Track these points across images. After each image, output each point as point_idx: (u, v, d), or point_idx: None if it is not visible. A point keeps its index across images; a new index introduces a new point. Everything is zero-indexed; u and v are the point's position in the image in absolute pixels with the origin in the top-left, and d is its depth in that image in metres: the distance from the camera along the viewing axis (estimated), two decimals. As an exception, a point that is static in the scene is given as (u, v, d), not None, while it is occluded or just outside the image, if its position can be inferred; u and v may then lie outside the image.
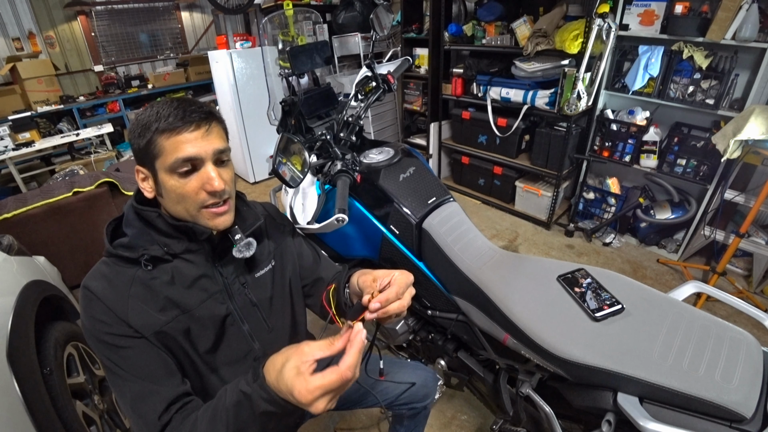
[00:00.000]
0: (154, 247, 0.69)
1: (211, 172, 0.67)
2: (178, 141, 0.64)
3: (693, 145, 2.11)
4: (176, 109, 0.65)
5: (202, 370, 0.76)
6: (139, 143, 0.66)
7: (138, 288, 0.68)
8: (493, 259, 1.16)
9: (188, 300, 0.71)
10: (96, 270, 0.69)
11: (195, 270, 0.73)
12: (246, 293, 0.79)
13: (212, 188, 0.67)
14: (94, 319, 0.65)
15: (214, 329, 0.75)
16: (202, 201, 0.68)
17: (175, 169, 0.65)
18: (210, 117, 0.68)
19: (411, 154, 1.34)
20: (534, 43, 2.34)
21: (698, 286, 1.07)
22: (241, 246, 0.75)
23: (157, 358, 0.68)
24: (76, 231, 2.16)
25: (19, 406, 1.01)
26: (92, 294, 0.66)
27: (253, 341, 0.81)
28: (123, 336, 0.66)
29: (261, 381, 0.55)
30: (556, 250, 2.56)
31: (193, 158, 0.65)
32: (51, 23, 4.20)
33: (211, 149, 0.67)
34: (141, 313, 0.67)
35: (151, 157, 0.66)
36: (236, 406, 0.58)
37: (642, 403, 0.79)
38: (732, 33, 1.82)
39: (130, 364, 0.66)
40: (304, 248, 0.95)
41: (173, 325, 0.69)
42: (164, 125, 0.64)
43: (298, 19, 3.48)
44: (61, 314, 1.50)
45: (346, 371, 0.49)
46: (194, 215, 0.69)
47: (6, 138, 3.25)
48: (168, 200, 0.69)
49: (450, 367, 1.41)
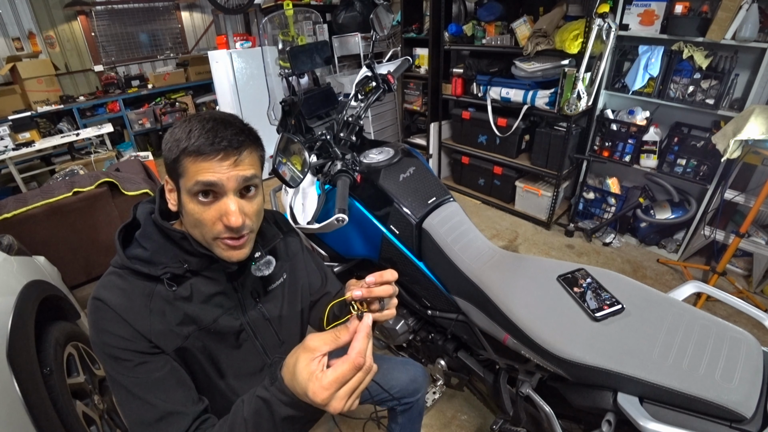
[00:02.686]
0: (176, 265, 0.67)
1: (231, 205, 0.62)
2: (200, 166, 0.61)
3: (693, 145, 2.11)
4: (208, 132, 0.60)
5: (219, 386, 0.74)
6: (168, 156, 0.64)
7: (158, 304, 0.65)
8: (493, 259, 1.16)
9: (204, 316, 0.70)
10: (108, 282, 0.65)
11: (213, 287, 0.71)
12: (259, 308, 0.78)
13: (228, 223, 0.62)
14: (108, 333, 0.61)
15: (229, 344, 0.74)
16: (217, 233, 0.64)
17: (195, 193, 0.62)
18: (243, 145, 0.63)
19: (411, 154, 1.34)
20: (534, 43, 2.34)
21: (698, 286, 1.07)
22: (261, 264, 0.73)
23: (175, 375, 0.65)
24: (76, 231, 2.16)
25: (19, 406, 1.01)
26: (107, 306, 0.62)
27: (266, 355, 0.80)
28: (142, 353, 0.62)
29: (279, 383, 0.53)
30: (556, 250, 2.56)
31: (212, 185, 0.61)
32: (51, 23, 4.20)
33: (234, 179, 0.62)
34: (163, 328, 0.64)
35: (177, 174, 0.63)
36: (255, 415, 0.56)
37: (642, 403, 0.79)
38: (732, 33, 1.82)
39: (146, 382, 0.62)
40: (312, 265, 0.94)
41: (191, 341, 0.68)
42: (192, 147, 0.60)
43: (298, 19, 3.48)
44: (61, 314, 1.50)
45: (357, 357, 0.48)
46: (209, 243, 0.66)
47: (6, 138, 3.24)
48: (186, 222, 0.67)
49: (450, 367, 1.41)
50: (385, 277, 0.60)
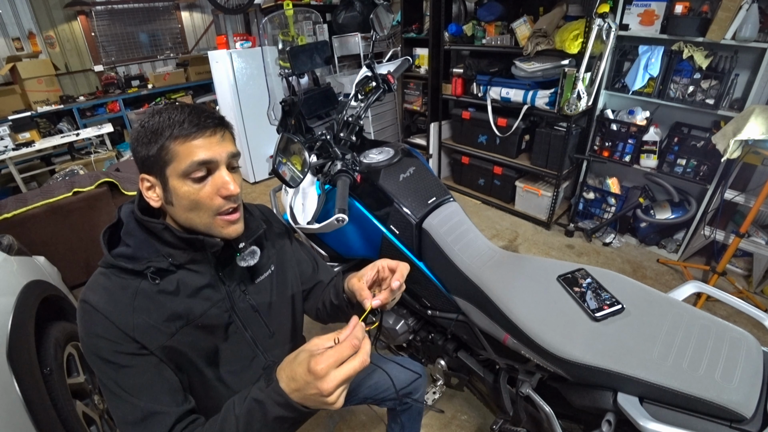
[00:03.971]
0: (159, 259, 0.67)
1: (225, 176, 0.66)
2: (192, 146, 0.64)
3: (693, 145, 2.11)
4: (190, 115, 0.64)
5: (210, 381, 0.75)
6: (147, 150, 0.64)
7: (142, 300, 0.66)
8: (493, 259, 1.16)
9: (192, 310, 0.70)
10: (94, 282, 0.66)
11: (200, 280, 0.72)
12: (247, 299, 0.79)
13: (228, 192, 0.66)
14: (95, 335, 0.62)
15: (219, 337, 0.75)
16: (217, 207, 0.67)
17: (189, 174, 0.64)
18: (223, 123, 0.68)
19: (411, 154, 1.34)
20: (534, 43, 2.34)
21: (698, 286, 1.07)
22: (245, 255, 0.75)
23: (161, 375, 0.66)
24: (76, 231, 2.16)
25: (19, 406, 1.01)
26: (92, 308, 0.63)
27: (256, 347, 0.81)
28: (127, 354, 0.63)
29: (275, 385, 0.55)
30: (556, 250, 2.56)
31: (208, 161, 0.65)
32: (51, 23, 4.20)
33: (225, 153, 0.67)
34: (147, 327, 0.65)
35: (162, 163, 0.64)
36: (247, 414, 0.57)
37: (642, 403, 0.79)
38: (732, 33, 1.82)
39: (132, 384, 0.63)
40: (302, 254, 0.95)
41: (179, 338, 0.68)
42: (179, 131, 0.63)
43: (298, 19, 3.48)
44: (61, 314, 1.50)
45: (353, 339, 0.52)
46: (207, 223, 0.68)
47: (6, 138, 3.24)
48: (179, 208, 0.67)
49: (450, 367, 1.41)
50: (401, 272, 0.69)
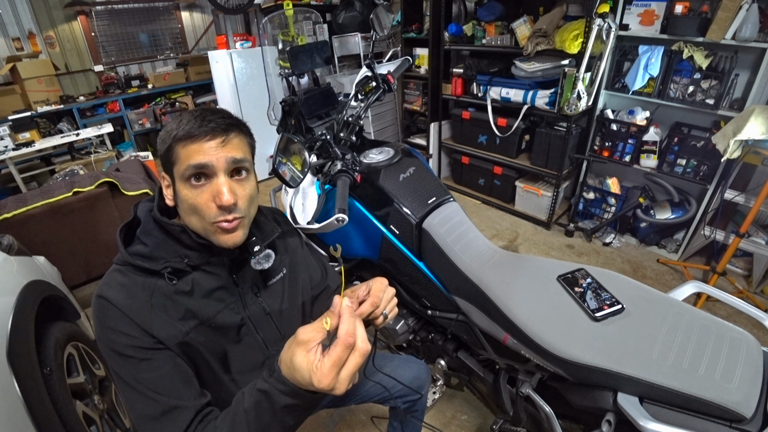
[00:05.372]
0: (176, 260, 0.68)
1: (221, 185, 0.64)
2: (190, 149, 0.64)
3: (693, 145, 2.11)
4: (197, 118, 0.65)
5: (223, 380, 0.75)
6: (161, 150, 0.67)
7: (159, 298, 0.66)
8: (493, 259, 1.16)
9: (205, 310, 0.71)
10: (111, 279, 0.67)
11: (214, 281, 0.72)
12: (259, 302, 0.79)
13: (220, 202, 0.64)
14: (112, 330, 0.63)
15: (231, 338, 0.75)
16: (212, 216, 0.66)
17: (187, 177, 0.65)
18: (230, 128, 0.66)
19: (411, 154, 1.34)
20: (534, 43, 2.34)
21: (698, 286, 1.07)
22: (260, 258, 0.75)
23: (178, 370, 0.66)
24: (76, 231, 2.16)
25: (19, 406, 1.01)
26: (110, 304, 0.63)
27: (267, 349, 0.81)
28: (145, 348, 0.63)
29: (278, 374, 0.55)
30: (556, 250, 2.56)
31: (202, 166, 0.64)
32: (51, 23, 4.20)
33: (223, 159, 0.65)
34: (164, 323, 0.65)
35: (170, 164, 0.67)
36: (256, 406, 0.57)
37: (642, 403, 0.79)
38: (732, 33, 1.82)
39: (151, 377, 0.63)
40: (312, 259, 0.95)
41: (193, 336, 0.69)
42: (182, 133, 0.64)
43: (298, 19, 3.48)
44: (61, 314, 1.50)
45: (347, 338, 0.49)
46: (205, 229, 0.68)
47: (6, 138, 3.24)
48: (182, 210, 0.68)
49: (450, 367, 1.41)
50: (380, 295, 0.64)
